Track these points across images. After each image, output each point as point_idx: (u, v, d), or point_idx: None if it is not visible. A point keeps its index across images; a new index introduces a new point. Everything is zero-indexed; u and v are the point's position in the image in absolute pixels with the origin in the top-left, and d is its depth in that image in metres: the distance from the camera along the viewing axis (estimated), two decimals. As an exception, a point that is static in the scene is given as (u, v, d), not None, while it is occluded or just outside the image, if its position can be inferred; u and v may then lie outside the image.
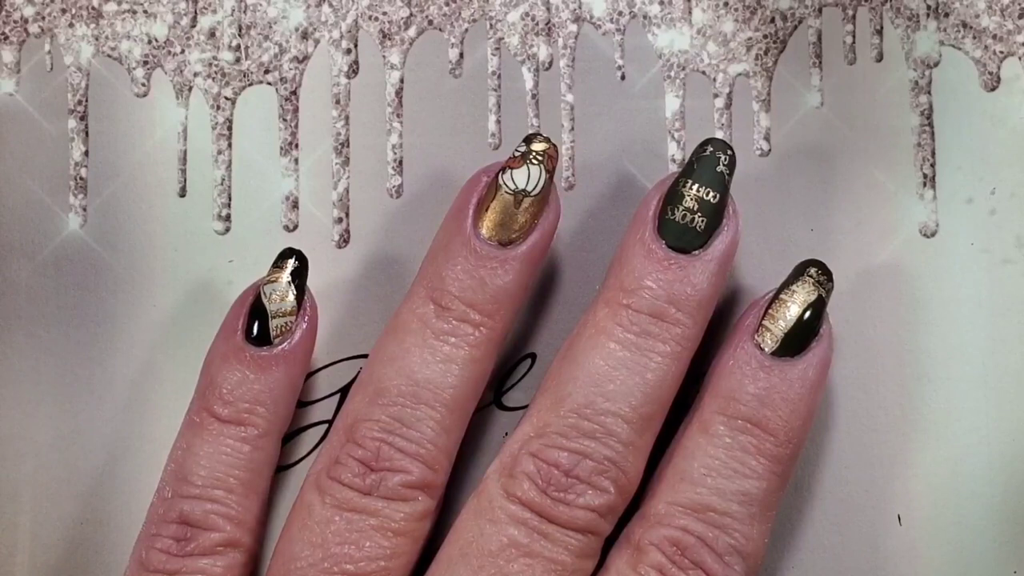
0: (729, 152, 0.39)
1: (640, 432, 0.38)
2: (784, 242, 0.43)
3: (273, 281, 0.40)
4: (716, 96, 0.44)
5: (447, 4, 0.44)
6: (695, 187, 0.39)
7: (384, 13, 0.44)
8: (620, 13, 0.44)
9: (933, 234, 0.43)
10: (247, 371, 0.40)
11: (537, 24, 0.44)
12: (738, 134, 0.43)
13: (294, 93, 0.44)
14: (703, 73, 0.44)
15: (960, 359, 0.42)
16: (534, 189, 0.39)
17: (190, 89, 0.44)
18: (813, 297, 0.39)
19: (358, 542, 0.38)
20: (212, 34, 0.44)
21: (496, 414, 0.43)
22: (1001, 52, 0.43)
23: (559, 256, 0.43)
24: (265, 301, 0.40)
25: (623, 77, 0.44)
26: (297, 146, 0.44)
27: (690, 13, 0.44)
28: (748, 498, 0.38)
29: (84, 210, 0.43)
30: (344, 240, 0.43)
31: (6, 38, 0.44)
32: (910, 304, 0.42)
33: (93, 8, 0.44)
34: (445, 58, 0.44)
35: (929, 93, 0.43)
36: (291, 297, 0.40)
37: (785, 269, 0.40)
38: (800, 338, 0.39)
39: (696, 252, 0.39)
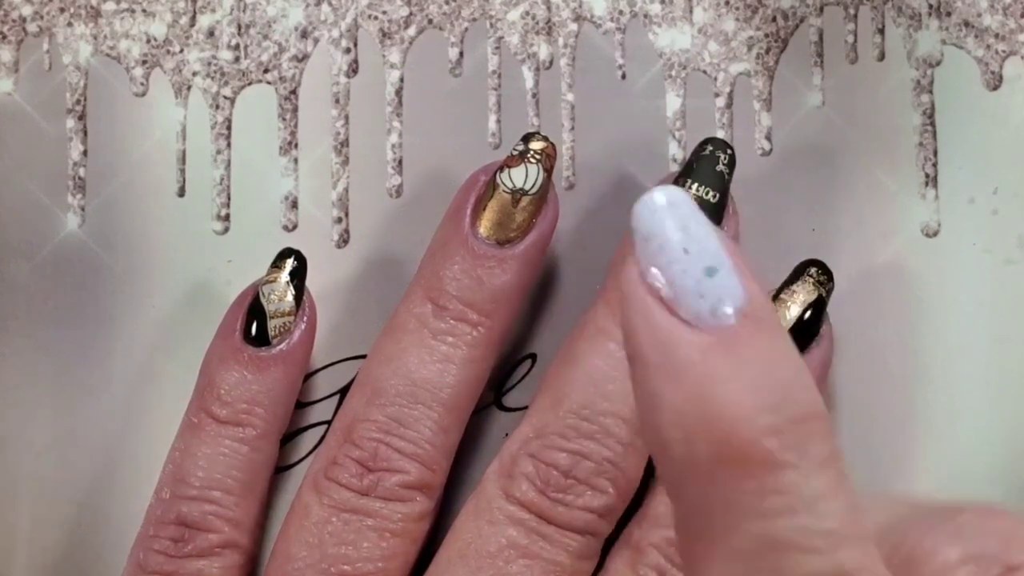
0: (729, 151, 0.39)
1: (639, 432, 0.38)
2: (785, 242, 0.42)
3: (272, 281, 0.40)
4: (717, 95, 0.43)
5: (447, 3, 0.44)
6: (695, 186, 0.39)
7: (384, 12, 0.44)
8: (621, 12, 0.44)
9: (935, 234, 0.43)
10: (245, 371, 0.39)
11: (537, 23, 0.44)
12: (739, 133, 0.43)
13: (293, 92, 0.44)
14: (704, 72, 0.43)
15: (962, 359, 0.42)
16: (532, 188, 0.39)
17: (189, 88, 0.44)
18: (813, 297, 0.39)
19: (355, 543, 0.38)
20: (211, 33, 0.44)
21: (496, 414, 0.42)
22: (1003, 51, 0.43)
23: (559, 256, 0.43)
24: (264, 301, 0.40)
25: (624, 76, 0.44)
26: (296, 146, 0.44)
27: (691, 12, 0.44)
28: (747, 499, 0.38)
29: (83, 210, 0.43)
30: (344, 240, 0.43)
31: (4, 37, 0.44)
32: (911, 304, 0.42)
33: (91, 7, 0.44)
34: (445, 57, 0.44)
35: (931, 92, 0.43)
36: (290, 297, 0.40)
37: (785, 269, 0.40)
38: (800, 338, 0.39)
39: (695, 252, 0.39)
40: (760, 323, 0.25)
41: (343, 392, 0.42)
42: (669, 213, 0.25)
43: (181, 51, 0.44)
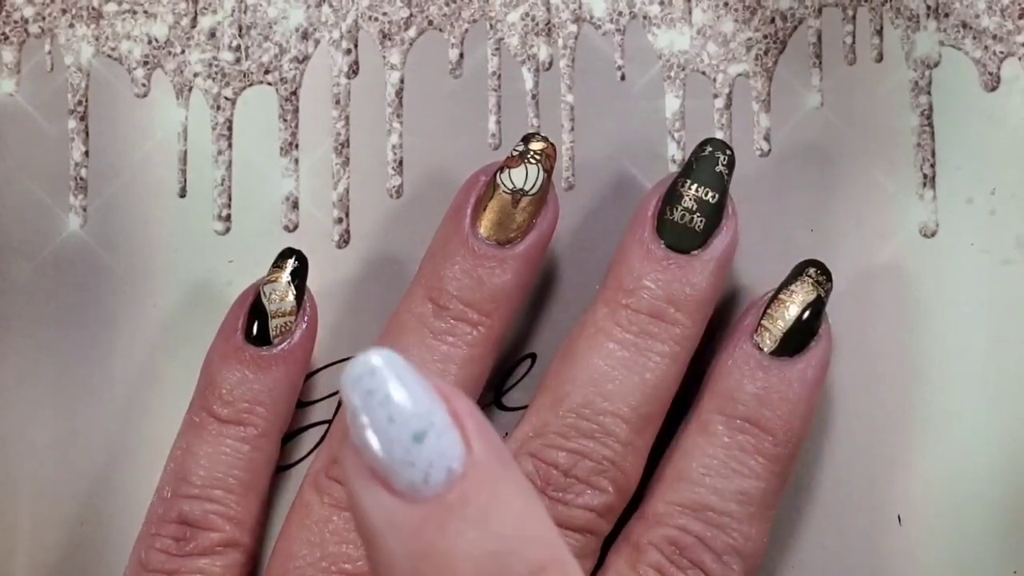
0: (728, 152, 0.39)
1: (639, 432, 0.38)
2: (784, 242, 0.43)
3: (273, 281, 0.40)
4: (716, 96, 0.43)
5: (447, 4, 0.44)
6: (694, 187, 0.39)
7: (384, 13, 0.44)
8: (620, 13, 0.44)
9: (933, 234, 0.43)
10: (247, 371, 0.40)
11: (537, 24, 0.44)
12: (738, 134, 0.43)
13: (294, 93, 0.44)
14: (703, 73, 0.44)
15: (960, 359, 0.42)
16: (532, 188, 0.39)
17: (190, 89, 0.44)
18: (812, 297, 0.39)
19: (356, 541, 0.38)
20: (212, 34, 0.44)
21: (496, 414, 0.43)
22: (1001, 52, 0.43)
23: (559, 256, 0.43)
24: (265, 301, 0.40)
25: (623, 77, 0.44)
26: (297, 146, 0.44)
27: (690, 13, 0.44)
28: (747, 497, 0.38)
29: (84, 210, 0.43)
30: (344, 240, 0.43)
31: (6, 38, 0.44)
32: (909, 304, 0.42)
33: (93, 8, 0.44)
34: (445, 58, 0.44)
35: (929, 93, 0.43)
36: (291, 297, 0.40)
37: (785, 269, 0.40)
38: (799, 338, 0.39)
39: (695, 252, 0.39)
40: (478, 482, 0.25)
41: (344, 392, 0.42)
42: (372, 382, 0.25)
43: (182, 52, 0.44)
